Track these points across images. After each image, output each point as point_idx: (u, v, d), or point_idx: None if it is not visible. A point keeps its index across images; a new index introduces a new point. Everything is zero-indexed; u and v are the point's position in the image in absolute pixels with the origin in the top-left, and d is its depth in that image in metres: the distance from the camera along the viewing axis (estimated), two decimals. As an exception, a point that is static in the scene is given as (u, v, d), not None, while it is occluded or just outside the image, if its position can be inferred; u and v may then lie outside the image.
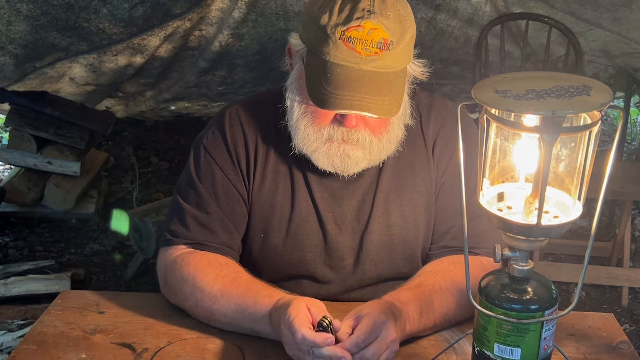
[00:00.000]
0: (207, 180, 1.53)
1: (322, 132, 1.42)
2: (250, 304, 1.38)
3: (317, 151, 1.44)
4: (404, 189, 1.54)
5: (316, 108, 1.39)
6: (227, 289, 1.42)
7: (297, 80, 1.44)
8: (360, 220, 1.54)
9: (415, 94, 1.54)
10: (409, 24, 1.37)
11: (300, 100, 1.43)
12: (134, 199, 4.11)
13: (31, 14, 2.75)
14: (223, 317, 1.41)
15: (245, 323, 1.39)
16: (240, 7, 3.16)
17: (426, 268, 1.51)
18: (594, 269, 3.24)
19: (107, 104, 4.32)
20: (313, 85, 1.36)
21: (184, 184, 1.57)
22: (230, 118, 1.56)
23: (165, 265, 1.52)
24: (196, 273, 1.45)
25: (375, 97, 1.33)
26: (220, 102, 4.29)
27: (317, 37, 1.35)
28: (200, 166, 1.55)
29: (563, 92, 1.00)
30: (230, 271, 1.46)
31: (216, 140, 1.55)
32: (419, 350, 1.37)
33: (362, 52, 1.32)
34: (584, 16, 3.22)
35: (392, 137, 1.46)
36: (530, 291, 1.13)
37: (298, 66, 1.44)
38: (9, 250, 3.56)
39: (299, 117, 1.43)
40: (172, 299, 1.51)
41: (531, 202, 1.07)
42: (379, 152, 1.45)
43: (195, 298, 1.44)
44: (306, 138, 1.43)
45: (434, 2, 3.24)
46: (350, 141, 1.42)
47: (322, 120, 1.42)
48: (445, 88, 4.22)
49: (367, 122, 1.41)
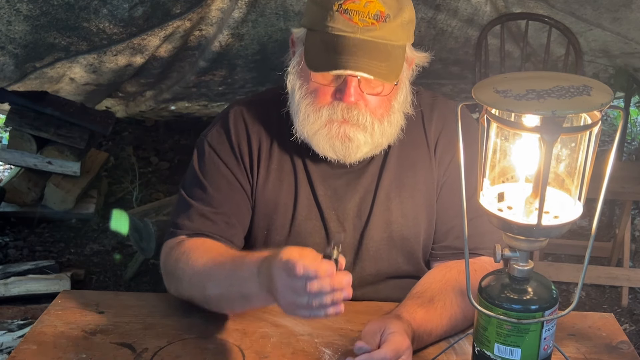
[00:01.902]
0: (212, 175, 1.54)
1: (321, 113, 1.42)
2: (238, 265, 1.35)
3: (317, 134, 1.44)
4: (405, 187, 1.54)
5: (317, 87, 1.41)
6: (218, 259, 1.40)
7: (298, 64, 1.45)
8: (361, 217, 1.54)
9: (418, 93, 1.54)
10: (406, 3, 1.41)
11: (301, 83, 1.44)
12: (134, 199, 4.11)
13: (31, 14, 2.75)
14: (215, 288, 1.39)
15: (236, 288, 1.34)
16: (240, 7, 3.16)
17: (436, 276, 1.49)
18: (594, 269, 3.24)
19: (107, 104, 4.32)
20: (311, 55, 1.39)
21: (189, 180, 1.57)
22: (234, 116, 1.57)
23: (165, 253, 1.53)
24: (190, 252, 1.45)
25: (372, 62, 1.35)
26: (220, 102, 4.29)
27: (316, 14, 1.39)
28: (204, 162, 1.55)
29: (563, 92, 1.00)
30: (222, 246, 1.47)
31: (221, 137, 1.55)
32: (419, 350, 1.36)
33: (358, 23, 1.35)
34: (584, 16, 3.22)
35: (394, 121, 1.46)
36: (531, 291, 1.13)
37: (299, 51, 1.45)
38: (9, 250, 3.56)
39: (300, 99, 1.44)
40: (172, 287, 1.51)
41: (531, 202, 1.07)
42: (380, 135, 1.45)
43: (188, 276, 1.44)
44: (306, 119, 1.43)
45: (434, 2, 3.24)
46: (351, 120, 1.41)
47: (323, 99, 1.42)
48: (445, 88, 4.22)
49: (367, 102, 1.41)
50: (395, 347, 1.25)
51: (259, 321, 1.45)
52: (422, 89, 1.57)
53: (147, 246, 3.25)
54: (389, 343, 1.25)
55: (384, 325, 1.29)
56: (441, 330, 1.38)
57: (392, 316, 1.34)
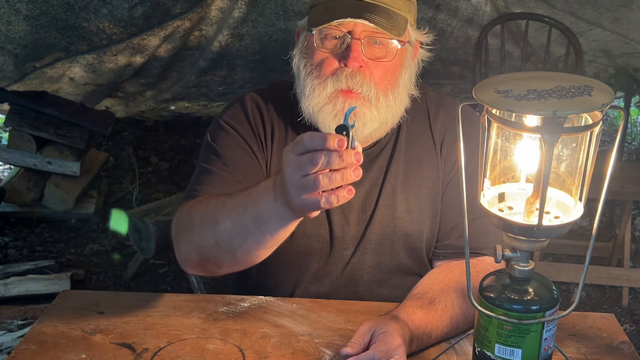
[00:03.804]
0: (229, 146, 1.52)
1: (326, 84, 1.42)
2: (252, 188, 1.27)
3: (322, 109, 1.43)
4: (411, 183, 1.55)
5: (321, 59, 1.42)
6: (231, 194, 1.34)
7: (302, 44, 1.47)
8: (366, 211, 1.55)
9: (426, 92, 1.55)
10: None
11: (306, 61, 1.45)
12: (133, 199, 4.11)
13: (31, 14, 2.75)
14: (227, 218, 1.29)
15: (250, 210, 1.25)
16: (240, 7, 3.17)
17: (438, 277, 1.49)
18: (594, 269, 3.24)
19: (107, 104, 4.32)
20: (313, 18, 1.42)
21: (204, 153, 1.55)
22: (250, 100, 1.58)
23: (178, 212, 1.45)
24: (203, 200, 1.41)
25: (374, 16, 1.37)
26: (220, 102, 4.29)
27: None
28: (221, 136, 1.54)
29: (564, 93, 0.99)
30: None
31: (238, 115, 1.55)
32: (419, 350, 1.36)
33: None
34: (584, 16, 3.22)
35: (398, 97, 1.46)
36: (531, 292, 1.13)
37: (304, 35, 1.47)
38: (9, 250, 3.56)
39: (305, 76, 1.45)
40: (182, 240, 1.41)
41: (532, 203, 1.07)
42: (386, 109, 1.44)
43: (200, 216, 1.36)
44: (312, 94, 1.43)
45: (434, 2, 3.25)
46: (355, 88, 1.41)
47: (327, 69, 1.42)
48: (445, 88, 4.23)
49: (371, 70, 1.42)
50: (385, 347, 1.24)
51: (259, 321, 1.45)
52: (430, 88, 1.58)
53: (147, 246, 3.25)
54: (378, 343, 1.25)
55: (375, 326, 1.29)
56: (441, 332, 1.38)
57: (386, 317, 1.34)
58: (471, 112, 1.57)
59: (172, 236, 1.46)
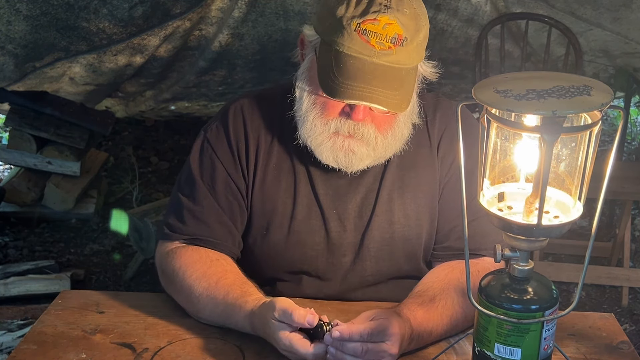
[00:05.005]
0: (207, 173, 1.54)
1: (329, 125, 1.42)
2: (231, 307, 1.39)
3: (322, 145, 1.44)
4: (407, 187, 1.54)
5: (326, 99, 1.40)
6: (211, 291, 1.42)
7: (308, 70, 1.44)
8: (363, 217, 1.54)
9: (421, 95, 1.54)
10: (423, 22, 1.39)
11: (310, 91, 1.44)
12: (133, 199, 4.11)
13: (31, 14, 2.75)
14: (208, 316, 1.44)
15: (229, 324, 1.41)
16: (240, 7, 3.17)
17: (438, 276, 1.49)
18: (594, 269, 3.24)
19: (107, 104, 4.32)
20: (324, 75, 1.37)
21: (183, 178, 1.57)
22: (234, 113, 1.56)
23: (161, 257, 1.55)
24: (186, 268, 1.47)
25: (386, 91, 1.34)
26: (220, 102, 4.29)
27: (332, 27, 1.36)
28: (201, 159, 1.55)
29: (564, 92, 0.99)
30: (218, 269, 1.47)
31: (219, 134, 1.55)
32: (419, 350, 1.36)
33: (375, 46, 1.33)
34: (584, 16, 3.22)
35: (397, 134, 1.46)
36: (531, 291, 1.13)
37: (310, 57, 1.44)
38: (9, 250, 3.56)
39: (308, 107, 1.44)
40: (169, 290, 1.53)
41: (532, 202, 1.07)
42: (383, 148, 1.45)
43: (184, 294, 1.47)
44: (313, 129, 1.43)
45: (434, 2, 3.24)
46: (356, 135, 1.42)
47: (331, 112, 1.42)
48: (445, 88, 4.23)
49: (373, 117, 1.42)
50: (380, 329, 1.25)
51: (259, 321, 1.45)
52: (425, 91, 1.57)
53: (147, 246, 3.25)
54: (374, 323, 1.26)
55: (378, 312, 1.30)
56: (442, 330, 1.38)
57: (390, 309, 1.34)
58: (467, 113, 1.57)
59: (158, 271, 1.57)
